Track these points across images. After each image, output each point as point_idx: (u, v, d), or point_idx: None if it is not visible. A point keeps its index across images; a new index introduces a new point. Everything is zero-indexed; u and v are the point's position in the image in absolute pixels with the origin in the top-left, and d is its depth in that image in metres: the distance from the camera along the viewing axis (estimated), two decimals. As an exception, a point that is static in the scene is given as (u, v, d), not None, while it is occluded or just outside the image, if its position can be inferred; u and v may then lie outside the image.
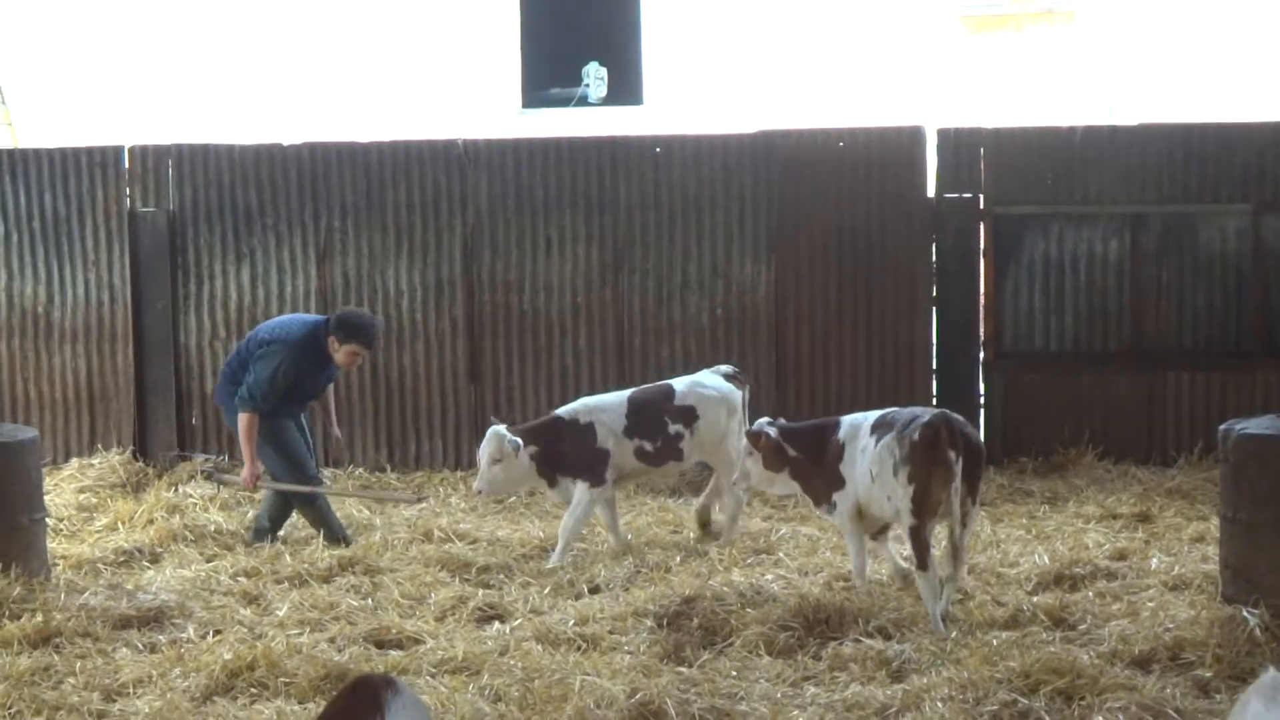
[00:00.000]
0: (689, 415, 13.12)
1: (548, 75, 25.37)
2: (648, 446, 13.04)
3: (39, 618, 10.51)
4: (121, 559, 12.79)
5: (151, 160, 16.30)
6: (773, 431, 11.59)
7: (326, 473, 15.02)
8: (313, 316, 14.06)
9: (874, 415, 11.41)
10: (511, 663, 9.83)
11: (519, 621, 10.81)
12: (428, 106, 24.02)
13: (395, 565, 12.36)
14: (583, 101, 25.21)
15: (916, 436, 10.68)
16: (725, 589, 11.16)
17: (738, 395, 13.35)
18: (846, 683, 9.60)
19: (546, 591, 11.55)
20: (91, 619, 10.67)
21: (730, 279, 16.06)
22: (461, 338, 16.19)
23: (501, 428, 12.74)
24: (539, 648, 10.18)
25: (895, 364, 16.06)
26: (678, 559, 12.46)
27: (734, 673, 9.77)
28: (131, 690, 9.49)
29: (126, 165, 16.29)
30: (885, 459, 10.86)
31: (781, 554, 12.57)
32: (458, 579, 11.92)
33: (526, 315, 16.18)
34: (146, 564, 12.71)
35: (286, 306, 16.13)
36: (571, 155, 16.17)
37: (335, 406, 14.37)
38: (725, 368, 13.79)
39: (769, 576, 11.74)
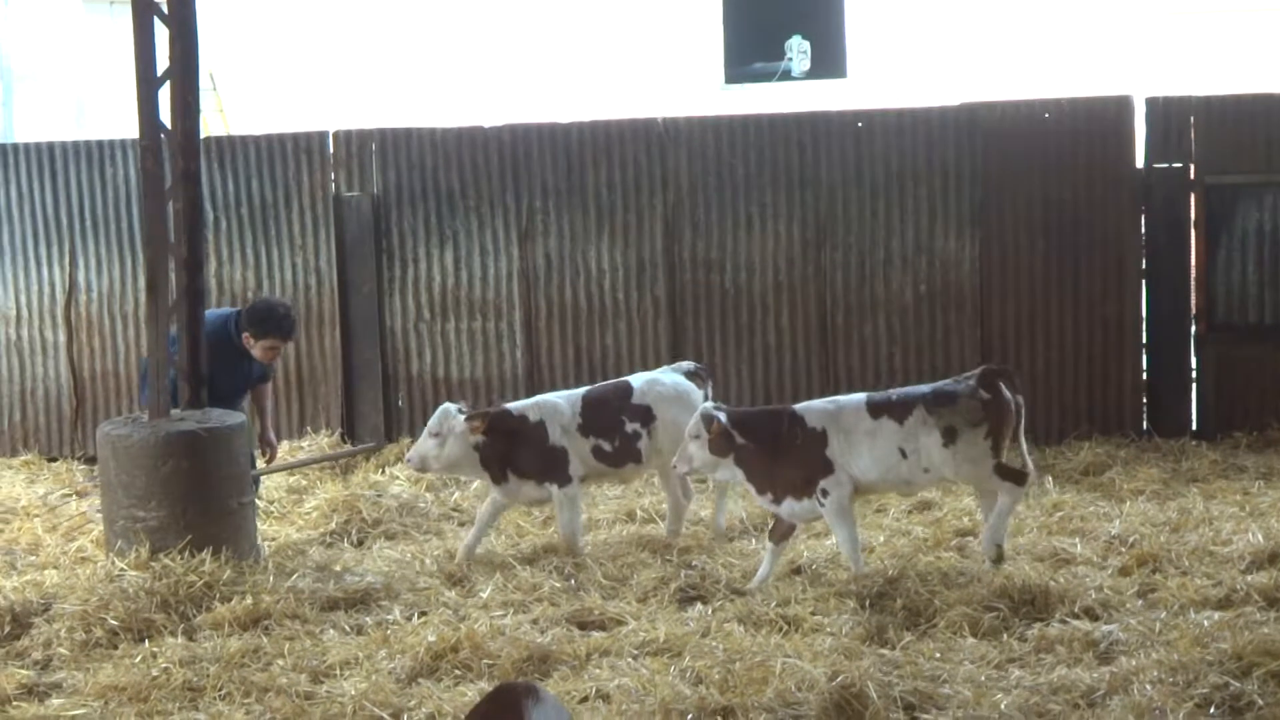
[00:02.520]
0: (646, 415, 12.54)
1: (750, 50, 25.27)
2: (605, 446, 12.44)
3: (248, 600, 10.66)
4: (329, 541, 12.96)
5: (356, 145, 16.48)
6: (722, 417, 11.44)
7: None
8: (223, 310, 13.62)
9: (850, 399, 11.64)
10: (713, 644, 9.78)
11: (721, 602, 10.75)
12: (629, 85, 24.06)
13: (598, 546, 12.37)
14: (785, 76, 25.09)
15: (986, 395, 11.18)
16: (929, 569, 11.03)
17: (698, 394, 12.70)
18: (1052, 665, 9.45)
19: (750, 580, 11.48)
20: (300, 601, 10.80)
21: (934, 254, 15.86)
22: (663, 317, 16.17)
23: (453, 406, 12.45)
24: (740, 629, 10.12)
25: (1104, 339, 15.77)
26: (881, 539, 12.34)
27: (937, 655, 9.64)
28: (338, 672, 9.59)
29: (331, 150, 16.48)
30: (927, 432, 11.17)
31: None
32: (660, 559, 11.88)
33: (728, 294, 16.11)
34: (353, 546, 12.85)
35: (490, 289, 16.25)
36: (772, 131, 16.07)
37: (273, 409, 14.03)
38: (686, 365, 13.22)
39: (973, 557, 11.58)
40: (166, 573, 10.88)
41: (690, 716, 8.52)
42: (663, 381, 12.74)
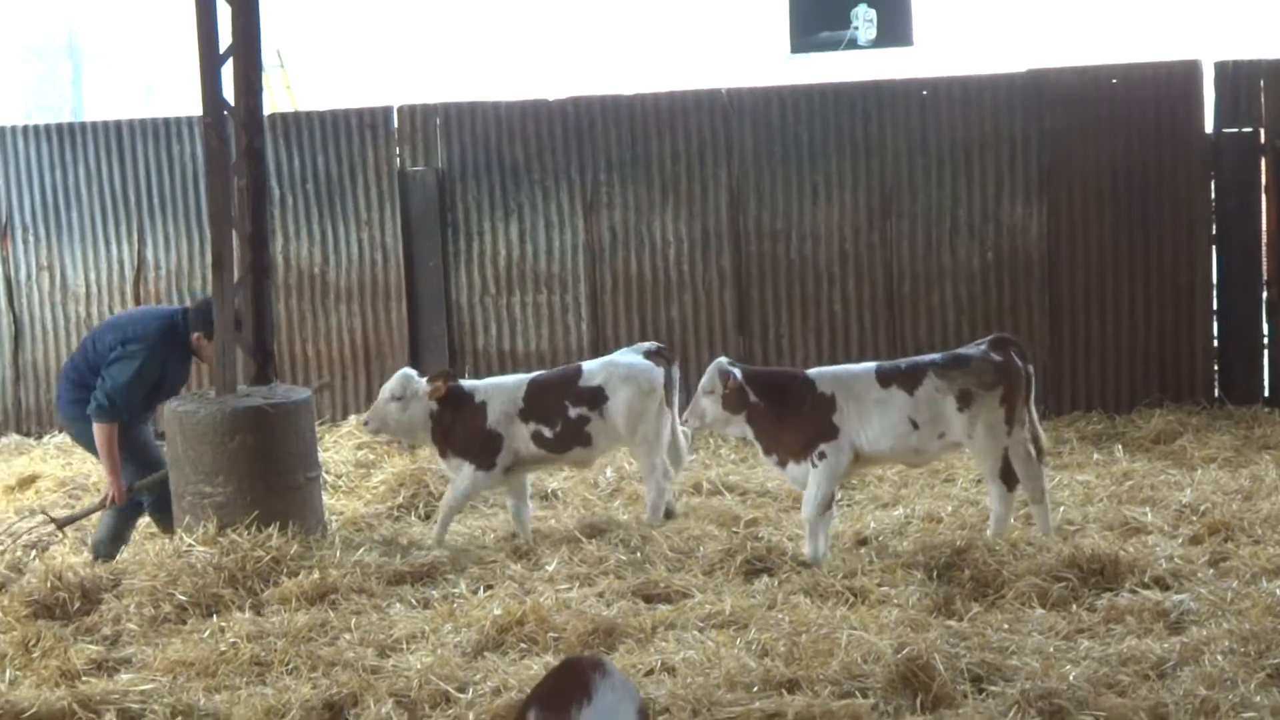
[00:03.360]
0: (596, 397, 12.25)
1: (816, 19, 25.13)
2: (546, 432, 12.14)
3: (315, 575, 10.67)
4: (396, 515, 12.99)
5: (420, 119, 16.49)
6: (738, 373, 11.36)
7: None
8: (163, 309, 13.07)
9: (861, 368, 11.58)
10: (779, 617, 9.73)
11: (787, 574, 10.70)
12: (693, 56, 23.99)
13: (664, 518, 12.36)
14: (852, 44, 24.96)
15: (997, 357, 11.14)
16: (997, 540, 10.95)
17: (657, 374, 12.35)
18: (1122, 635, 9.35)
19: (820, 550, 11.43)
20: (366, 575, 10.81)
21: (1001, 222, 15.76)
22: (729, 288, 16.13)
23: (413, 371, 12.38)
24: (807, 601, 10.07)
25: (1174, 306, 15.65)
26: (948, 509, 12.27)
27: (1005, 626, 9.55)
28: (404, 645, 9.60)
29: (396, 125, 16.51)
30: (941, 397, 11.10)
31: (1053, 503, 12.26)
32: (726, 532, 11.85)
33: (794, 264, 16.06)
34: (420, 520, 12.88)
35: (555, 262, 16.25)
36: (837, 100, 16.00)
37: None
38: (647, 345, 12.87)
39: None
40: (234, 548, 10.91)
41: (755, 689, 8.48)
42: (618, 362, 12.47)
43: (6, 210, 17.02)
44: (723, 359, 11.63)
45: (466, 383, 12.49)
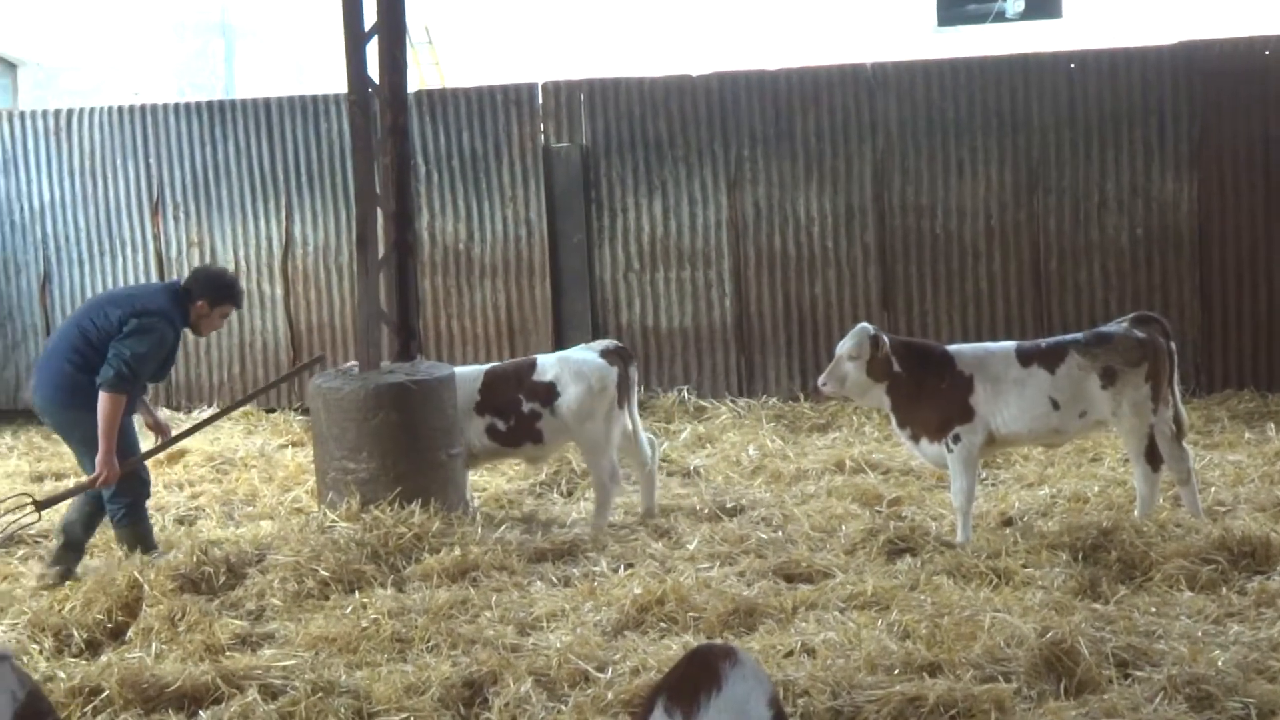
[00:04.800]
0: (548, 393, 12.04)
1: (965, -9, 24.98)
2: (500, 425, 12.02)
3: (457, 552, 10.69)
4: (539, 492, 13.02)
5: (564, 96, 16.53)
6: (887, 339, 11.17)
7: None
8: (159, 284, 12.96)
9: (1000, 346, 11.32)
10: (921, 598, 9.63)
11: (930, 555, 10.58)
12: (839, 30, 23.82)
13: (805, 498, 12.29)
14: (1000, 17, 24.74)
15: (1140, 334, 10.94)
16: (1145, 521, 10.78)
17: (610, 373, 12.02)
18: (1273, 620, 9.15)
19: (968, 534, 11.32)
20: (508, 553, 10.82)
21: (1150, 197, 15.52)
22: (873, 264, 16.02)
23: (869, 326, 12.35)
24: (950, 582, 9.95)
25: (1329, 281, 15.36)
26: (1095, 489, 12.10)
27: (1152, 609, 9.37)
28: (544, 624, 9.60)
29: (540, 102, 16.54)
30: (1084, 376, 10.91)
31: (1203, 483, 12.06)
32: (869, 511, 11.77)
33: (939, 239, 15.92)
34: (563, 497, 12.90)
35: (699, 238, 16.22)
36: (983, 74, 15.83)
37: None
38: (604, 343, 12.57)
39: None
40: (376, 524, 10.96)
41: (896, 672, 8.40)
42: (571, 359, 12.23)
43: (158, 187, 17.26)
44: (867, 324, 11.43)
45: None
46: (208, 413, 16.41)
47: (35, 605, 10.19)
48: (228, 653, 9.23)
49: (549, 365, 12.17)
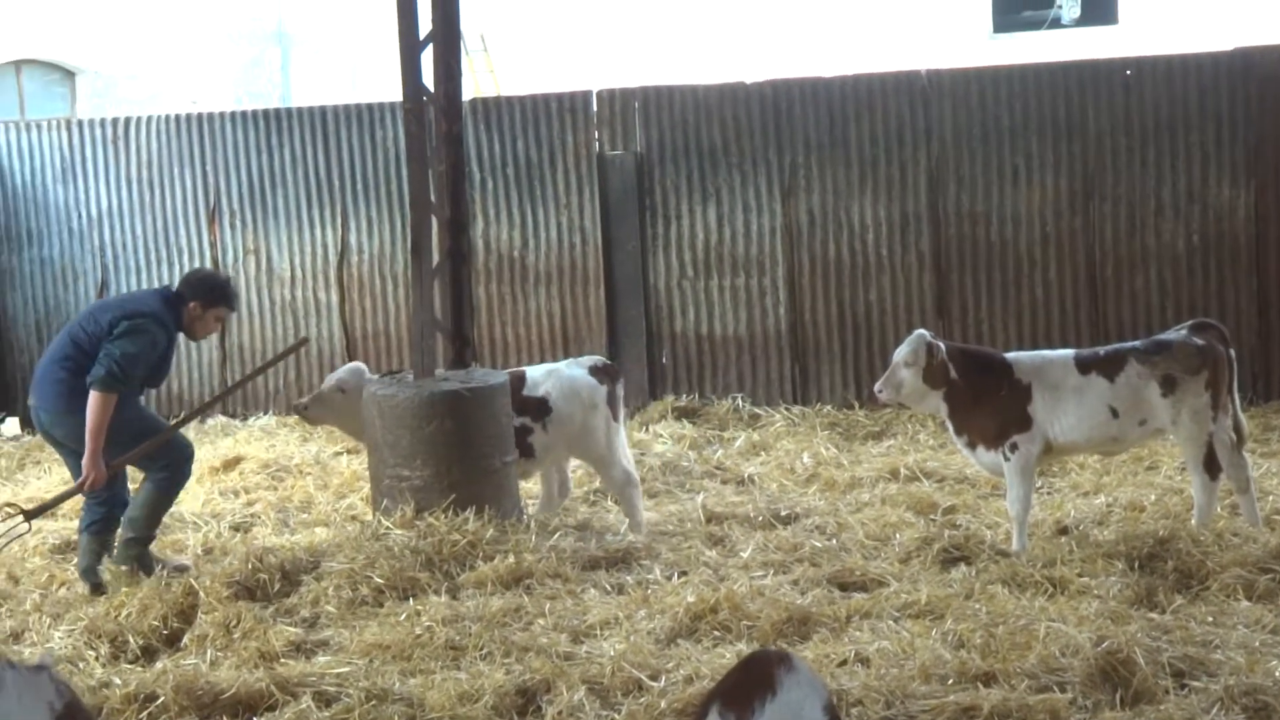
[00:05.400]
0: (539, 408, 12.01)
1: (1020, -2, 24.97)
2: None
3: (511, 559, 10.71)
4: (592, 500, 13.03)
5: (619, 103, 16.53)
6: (944, 346, 11.12)
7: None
8: (152, 290, 12.77)
9: (1058, 354, 11.33)
10: (976, 607, 9.60)
11: (985, 564, 10.54)
12: (894, 36, 23.78)
13: (860, 506, 12.27)
14: (1055, 24, 24.69)
15: (1199, 341, 10.90)
16: (1202, 530, 10.72)
17: (600, 390, 12.01)
18: (1332, 630, 9.12)
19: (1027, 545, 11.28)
20: (561, 560, 10.83)
21: (1207, 204, 15.42)
22: (928, 272, 15.97)
23: (363, 366, 12.38)
24: (1005, 591, 9.91)
25: (1389, 289, 15.23)
26: (1152, 498, 12.02)
27: (1209, 619, 9.33)
28: (598, 631, 9.61)
29: (595, 109, 16.55)
30: (1144, 384, 10.86)
31: (1262, 491, 11.96)
32: (923, 519, 11.73)
33: (994, 247, 15.85)
34: (616, 504, 12.90)
35: (753, 245, 16.20)
36: (1037, 81, 15.75)
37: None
38: (592, 359, 12.54)
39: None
40: (431, 531, 11.00)
41: (950, 682, 8.38)
42: (561, 374, 12.19)
43: (214, 194, 17.35)
44: (924, 331, 11.43)
45: None
46: (263, 420, 16.53)
47: (92, 612, 10.25)
48: (282, 660, 9.28)
49: (539, 379, 12.16)
